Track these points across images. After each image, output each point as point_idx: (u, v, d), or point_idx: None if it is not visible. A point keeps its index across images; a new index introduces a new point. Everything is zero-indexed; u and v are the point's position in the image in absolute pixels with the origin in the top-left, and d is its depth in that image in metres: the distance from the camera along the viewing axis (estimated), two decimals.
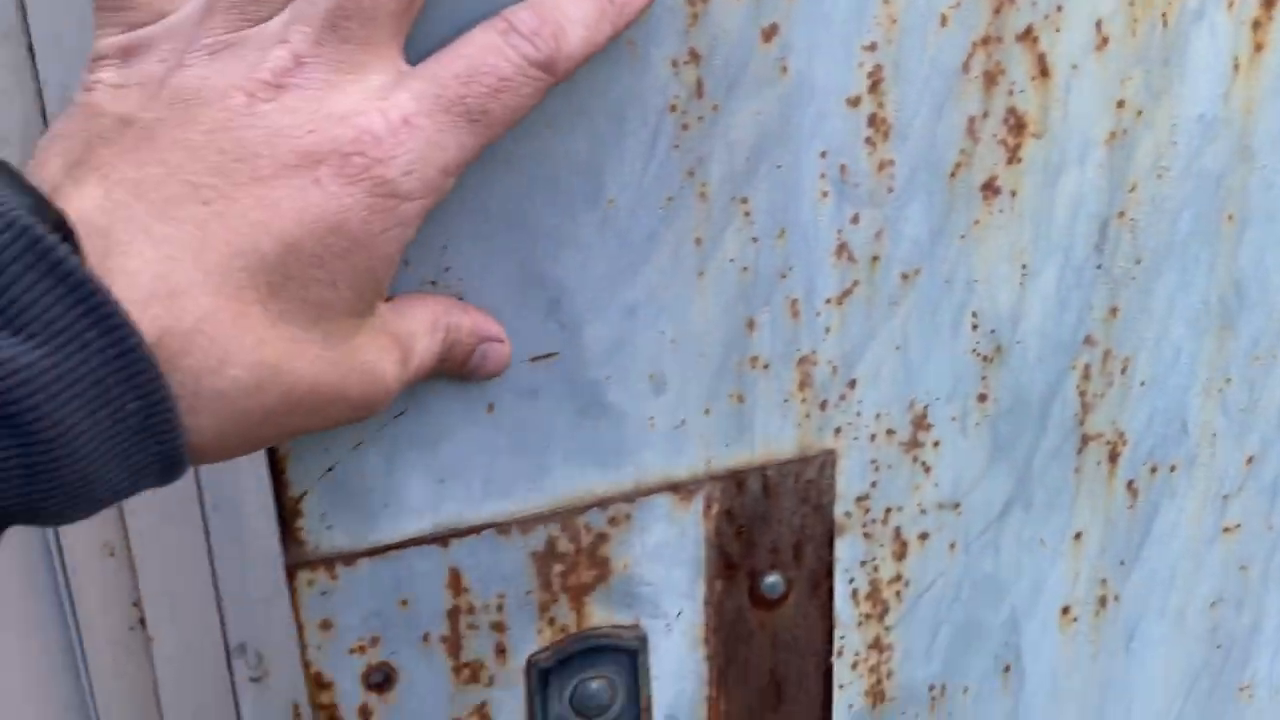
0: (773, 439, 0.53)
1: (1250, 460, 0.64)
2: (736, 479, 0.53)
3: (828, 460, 0.54)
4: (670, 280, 0.48)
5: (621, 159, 0.46)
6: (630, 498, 0.51)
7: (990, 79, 0.50)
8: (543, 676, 0.52)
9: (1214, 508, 0.64)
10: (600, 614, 0.53)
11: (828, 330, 0.52)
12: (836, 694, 0.59)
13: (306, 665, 0.49)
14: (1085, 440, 0.59)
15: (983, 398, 0.56)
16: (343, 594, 0.48)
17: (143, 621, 0.81)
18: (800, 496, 0.54)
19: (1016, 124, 0.51)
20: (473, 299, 0.45)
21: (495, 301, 0.45)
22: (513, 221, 0.44)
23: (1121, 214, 0.55)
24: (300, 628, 0.48)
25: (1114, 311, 0.57)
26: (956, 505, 0.58)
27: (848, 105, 0.48)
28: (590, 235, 0.46)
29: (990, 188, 0.52)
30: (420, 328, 0.39)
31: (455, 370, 0.43)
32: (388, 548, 0.48)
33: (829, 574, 0.57)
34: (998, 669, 0.62)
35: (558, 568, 0.51)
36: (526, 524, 0.50)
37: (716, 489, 0.53)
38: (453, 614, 0.50)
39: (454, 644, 0.50)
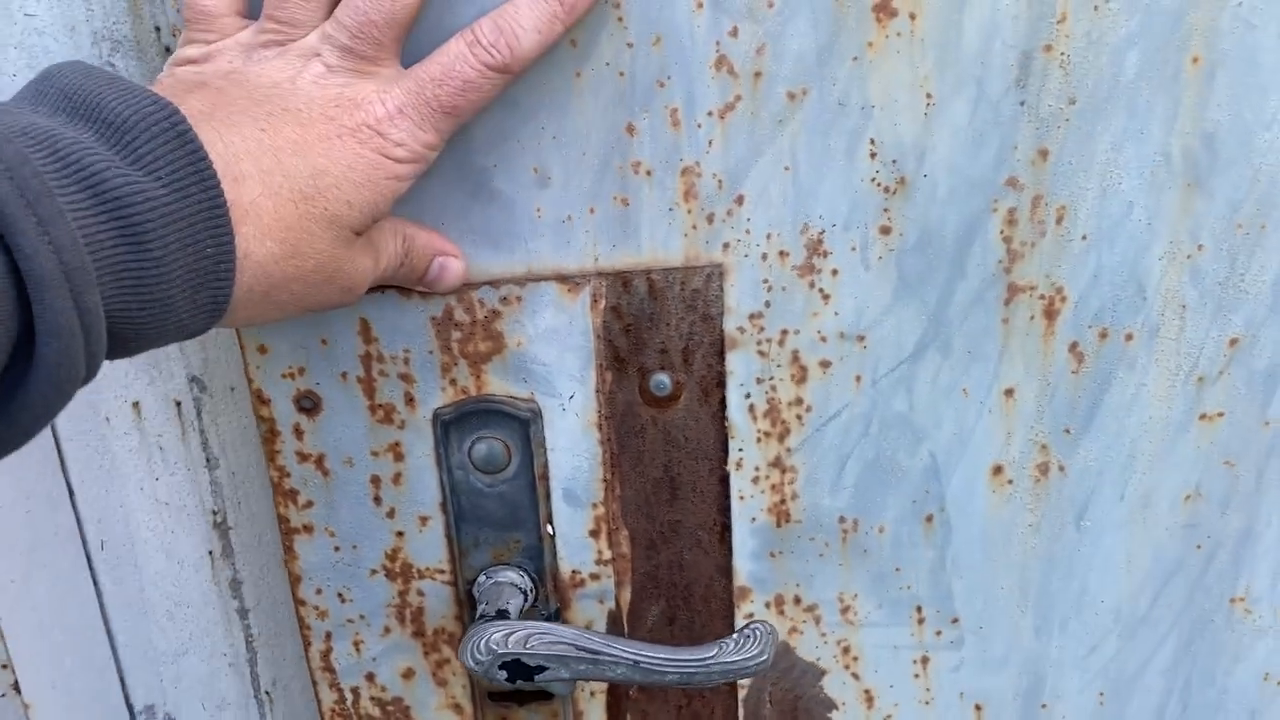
0: (659, 245, 0.57)
1: (1234, 343, 0.59)
2: (623, 279, 0.58)
3: (715, 272, 0.57)
4: (548, 78, 0.53)
5: None
6: (521, 281, 0.57)
7: None
8: (445, 428, 0.60)
9: (1186, 390, 0.60)
10: (497, 383, 0.60)
11: (710, 143, 0.55)
12: (737, 504, 0.63)
13: (250, 382, 0.60)
14: (1013, 290, 0.57)
15: (885, 230, 0.56)
16: (274, 325, 0.58)
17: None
18: (687, 303, 0.58)
19: None
20: None
21: None
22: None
23: (1048, 47, 0.53)
24: (243, 349, 0.59)
25: (1043, 154, 0.55)
26: (860, 338, 0.59)
27: None
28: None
29: (884, 9, 0.52)
30: (387, 237, 0.51)
31: (417, 278, 0.55)
32: None
33: (720, 384, 0.60)
34: (917, 515, 0.63)
35: (455, 334, 0.58)
36: (425, 291, 0.57)
37: (603, 285, 0.58)
38: (365, 359, 0.59)
39: (368, 385, 0.60)
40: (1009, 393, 0.60)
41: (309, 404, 0.60)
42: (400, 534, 0.63)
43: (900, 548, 0.63)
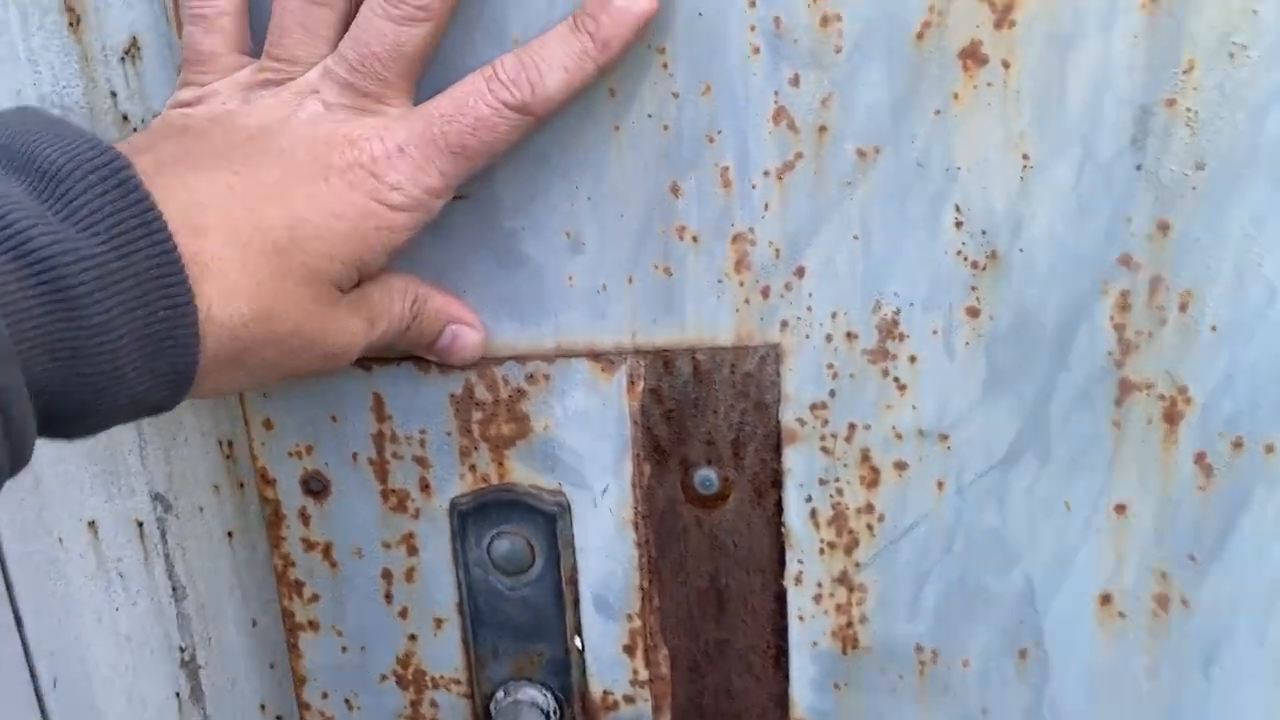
0: (706, 322, 0.50)
1: None
2: (664, 358, 0.50)
3: (771, 354, 0.50)
4: (582, 131, 0.47)
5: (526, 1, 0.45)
6: (549, 357, 0.51)
7: None
8: (463, 520, 0.54)
9: None
10: (521, 471, 0.53)
11: (767, 207, 0.48)
12: (795, 626, 0.54)
13: (254, 459, 0.54)
14: (1126, 388, 0.48)
15: (973, 312, 0.48)
16: (281, 398, 0.53)
17: None
18: (738, 389, 0.50)
19: None
20: None
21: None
22: None
23: (1171, 102, 0.44)
24: (247, 423, 0.54)
25: (1164, 228, 0.46)
26: (943, 437, 0.50)
27: None
28: None
29: (972, 55, 0.45)
30: (390, 298, 0.45)
31: (425, 346, 0.49)
32: None
33: (776, 484, 0.52)
34: (1009, 649, 0.53)
35: (477, 415, 0.52)
36: (443, 364, 0.51)
37: (642, 365, 0.51)
38: (378, 439, 0.53)
39: (381, 468, 0.54)
40: (1120, 509, 0.50)
41: (317, 486, 0.54)
42: (413, 637, 0.56)
43: (989, 686, 0.54)
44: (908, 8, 0.44)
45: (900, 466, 0.51)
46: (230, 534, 0.57)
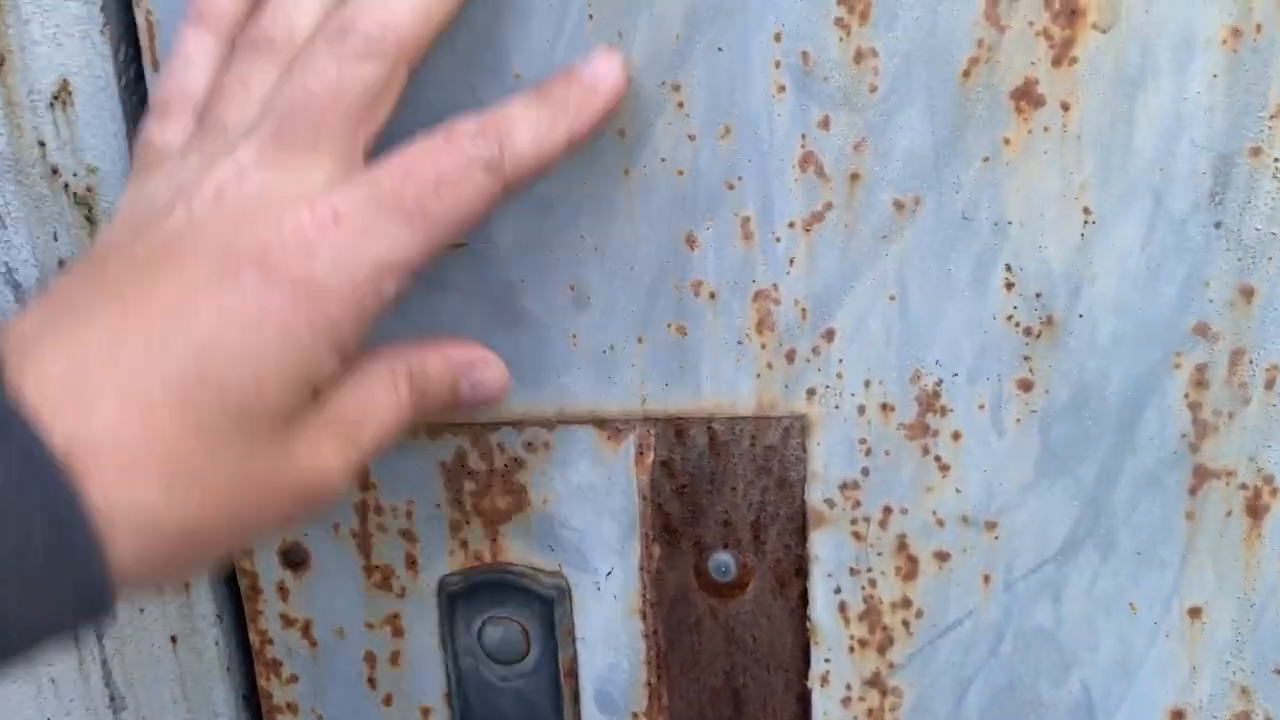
0: (724, 388, 0.45)
1: None
2: (677, 427, 0.45)
3: (796, 426, 0.44)
4: (589, 175, 0.43)
5: (526, 28, 0.41)
6: (550, 424, 0.46)
7: None
8: (451, 602, 0.49)
9: None
10: (517, 549, 0.48)
11: (792, 261, 0.43)
12: None
13: None
14: (1202, 475, 0.42)
15: (1025, 385, 0.42)
16: None
17: None
18: (759, 464, 0.45)
19: (1066, 10, 0.38)
20: None
21: None
22: (408, 92, 0.42)
23: (1256, 151, 0.39)
24: None
25: (1247, 294, 0.40)
26: (991, 525, 0.44)
27: None
28: None
29: (1027, 96, 0.39)
30: (371, 393, 0.36)
31: (446, 410, 0.39)
32: None
33: (800, 572, 0.46)
34: None
35: (469, 485, 0.47)
36: (434, 428, 0.47)
37: (652, 434, 0.45)
38: (361, 509, 0.48)
39: (364, 541, 0.49)
40: (1195, 613, 0.44)
41: (296, 558, 0.50)
42: None
43: None
44: (953, 42, 0.39)
45: (941, 556, 0.45)
46: (174, 638, 0.51)
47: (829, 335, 0.43)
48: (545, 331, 0.45)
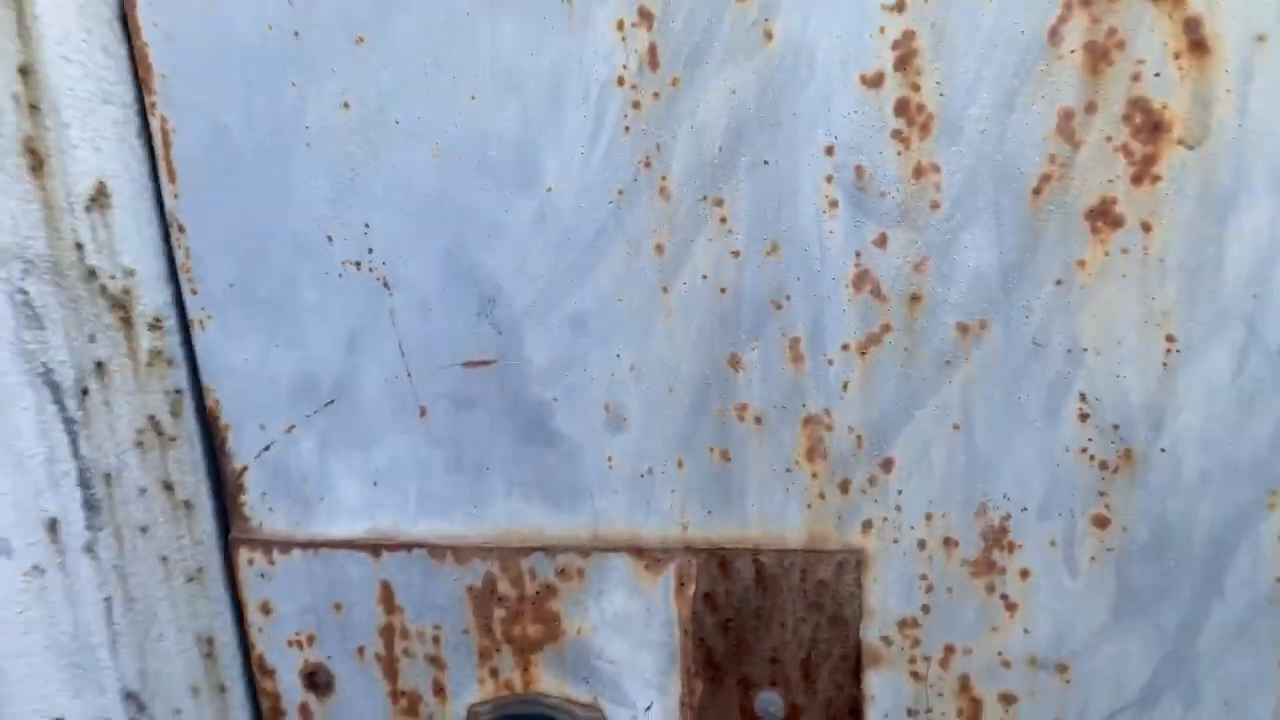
0: (772, 518, 0.41)
1: None
2: (721, 558, 0.42)
3: (851, 560, 0.41)
4: (626, 291, 0.40)
5: (559, 139, 0.39)
6: (585, 550, 0.43)
7: (1099, 54, 0.35)
8: None
9: None
10: (551, 680, 0.45)
11: (846, 386, 0.39)
12: None
13: (250, 647, 0.47)
14: None
15: (1101, 521, 0.39)
16: (280, 580, 0.46)
17: None
18: (810, 599, 0.42)
19: (1150, 124, 0.35)
20: (399, 286, 0.41)
21: (423, 293, 0.41)
22: (438, 203, 0.40)
23: None
24: (242, 606, 0.47)
25: None
26: (1062, 668, 0.41)
27: (863, 85, 0.36)
28: (525, 226, 0.40)
29: (1104, 216, 0.36)
30: None
31: None
32: (322, 543, 0.45)
33: (855, 712, 0.43)
34: None
35: (499, 612, 0.44)
36: (462, 552, 0.44)
37: (693, 564, 0.42)
38: (387, 632, 0.46)
39: (390, 666, 0.46)
40: None
41: (321, 680, 0.47)
42: None
43: None
44: (1023, 158, 0.36)
45: (1008, 700, 0.41)
46: None
47: (887, 465, 0.40)
48: (579, 453, 0.42)
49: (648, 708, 0.44)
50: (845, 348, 0.39)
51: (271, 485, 0.45)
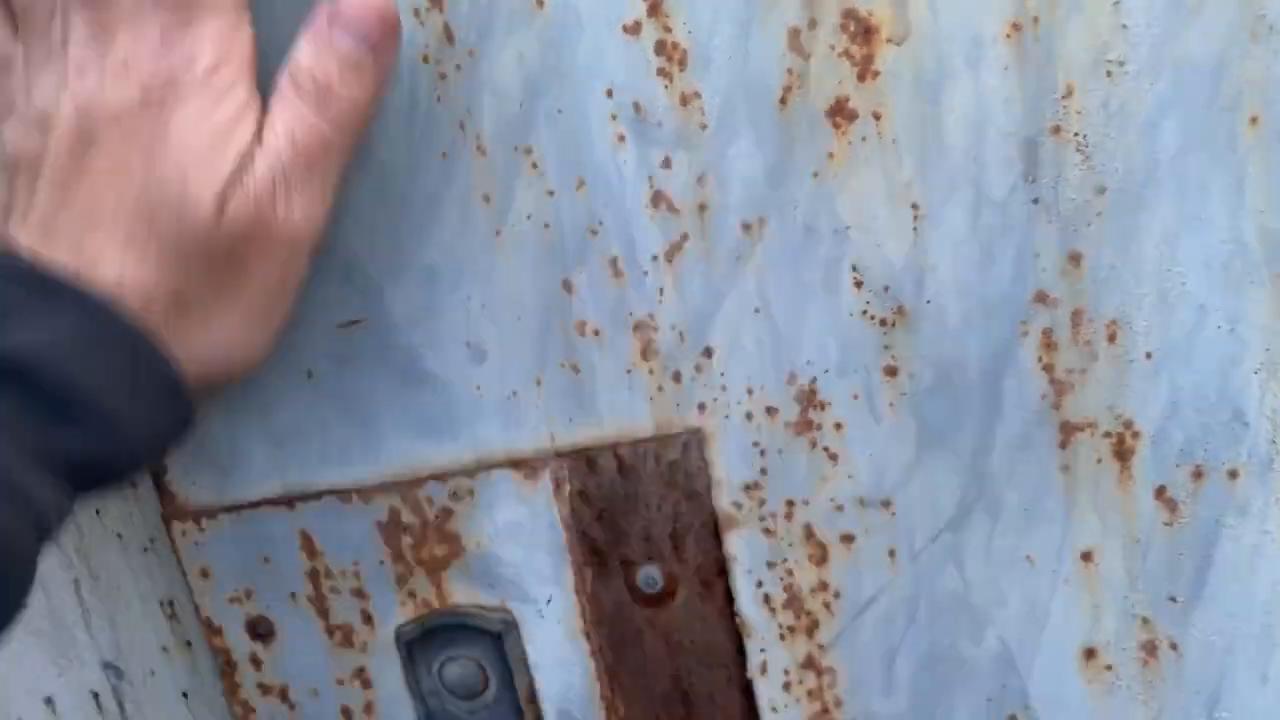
0: (623, 415, 0.48)
1: None
2: (587, 457, 0.49)
3: (693, 440, 0.48)
4: (465, 240, 0.46)
5: (384, 117, 0.45)
6: (470, 472, 0.49)
7: None
8: (409, 649, 0.52)
9: None
10: (462, 592, 0.51)
11: (662, 291, 0.46)
12: (770, 715, 0.51)
13: (197, 609, 0.53)
14: (1069, 431, 0.46)
15: (891, 371, 0.46)
16: (212, 546, 0.52)
17: None
18: (666, 480, 0.49)
19: (861, 30, 0.42)
20: None
21: None
22: None
23: (1056, 129, 0.42)
24: (184, 574, 0.53)
25: (1075, 260, 0.44)
26: (886, 504, 0.48)
27: (626, 33, 0.43)
28: (369, 200, 0.46)
29: (840, 112, 0.43)
30: (283, 128, 0.40)
31: (362, 75, 0.40)
32: (243, 506, 0.51)
33: (722, 573, 0.50)
34: (996, 717, 0.50)
35: (406, 539, 0.51)
36: (366, 493, 0.50)
37: (564, 467, 0.49)
38: (313, 576, 0.52)
39: (321, 605, 0.52)
40: (1087, 557, 0.47)
41: (264, 630, 0.53)
42: None
43: None
44: (767, 74, 0.43)
45: (847, 539, 0.48)
46: (185, 694, 0.55)
47: (708, 353, 0.47)
48: (450, 388, 0.48)
49: (548, 601, 0.51)
50: (655, 259, 0.46)
51: (191, 461, 0.51)
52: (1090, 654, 0.48)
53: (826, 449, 0.47)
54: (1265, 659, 0.47)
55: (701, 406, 0.47)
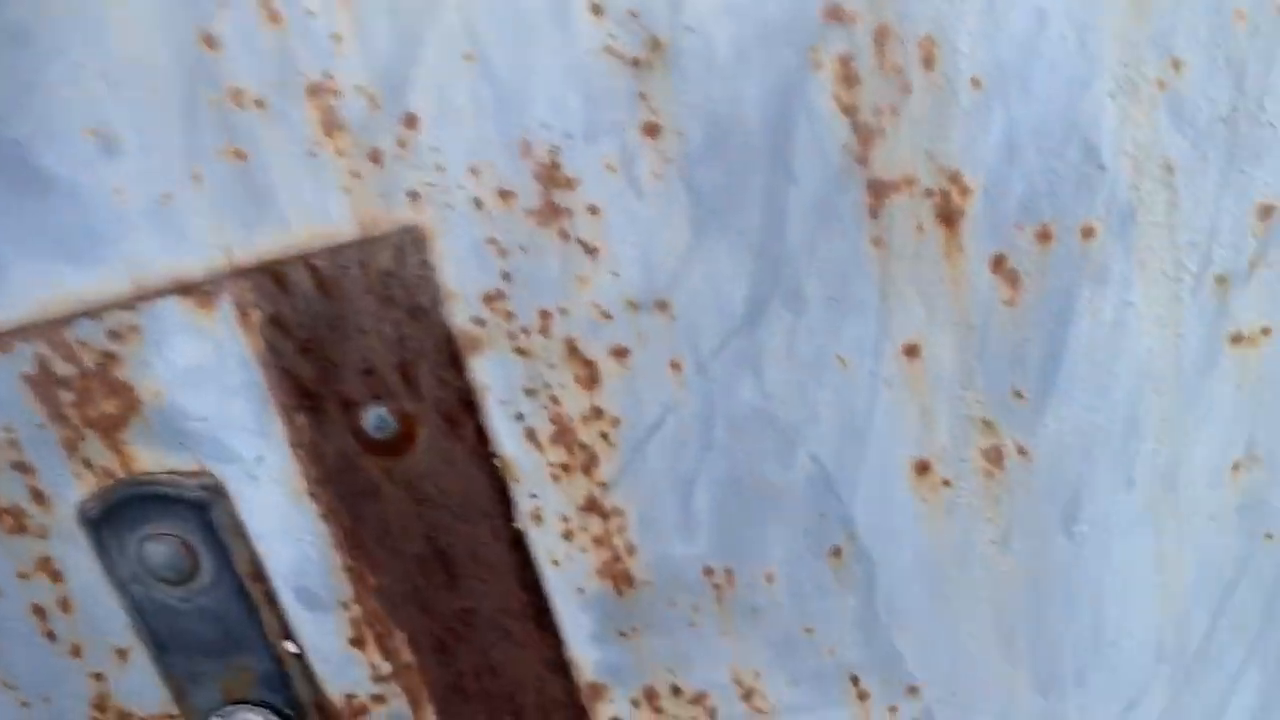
0: (312, 213, 0.37)
1: (1268, 212, 0.36)
2: (273, 273, 0.38)
3: (408, 240, 0.37)
4: None
5: None
6: (128, 304, 0.38)
7: None
8: (96, 529, 0.41)
9: (1200, 299, 0.37)
10: (147, 456, 0.41)
11: (337, 39, 0.34)
12: (550, 573, 0.42)
13: None
14: (879, 191, 0.36)
15: (652, 129, 0.35)
16: None
17: None
18: (380, 295, 0.38)
19: None
20: None
21: None
22: None
23: None
24: None
25: None
26: (662, 305, 0.38)
27: None
28: None
29: None
30: None
31: None
32: None
33: (469, 406, 0.39)
34: (817, 550, 0.42)
35: (66, 395, 0.39)
36: (1, 340, 0.38)
37: (247, 289, 0.38)
38: None
39: None
40: (911, 352, 0.38)
41: None
42: (98, 676, 0.45)
43: (804, 599, 0.42)
44: None
45: (620, 353, 0.38)
46: None
47: (410, 122, 0.35)
48: (80, 192, 0.36)
49: (258, 459, 0.40)
50: None
51: None
52: (922, 468, 0.40)
53: (581, 241, 0.37)
54: (1129, 460, 0.39)
55: (414, 195, 0.36)
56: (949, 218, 0.36)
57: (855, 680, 0.44)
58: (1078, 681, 0.43)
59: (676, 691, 0.44)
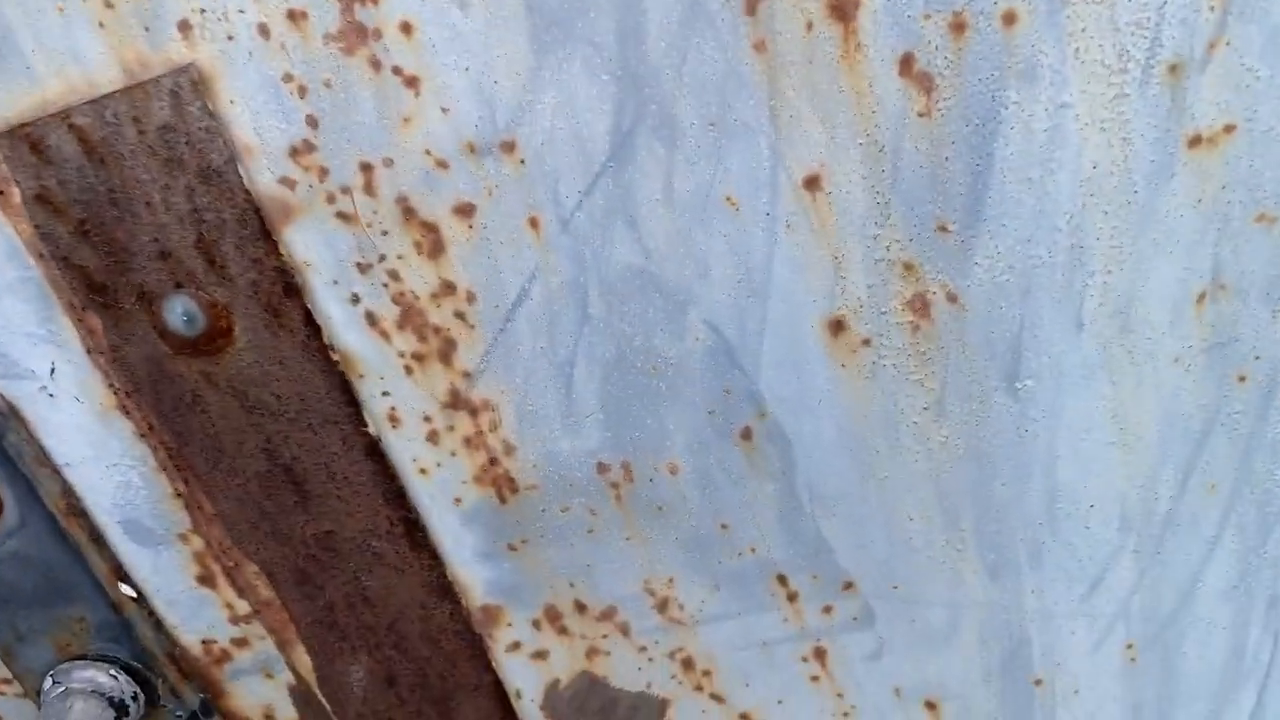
0: (64, 59, 0.30)
1: None
2: (28, 140, 0.31)
3: (185, 84, 0.30)
4: None
5: None
6: None
7: None
8: None
9: (1149, 94, 0.31)
10: None
11: None
12: (418, 482, 0.36)
13: None
14: None
15: None
16: None
17: None
18: (162, 156, 0.31)
19: None
20: None
21: None
22: None
23: None
24: None
25: None
26: (509, 146, 0.31)
27: None
28: None
29: None
30: None
31: None
32: None
33: (290, 287, 0.33)
34: (724, 432, 0.36)
35: None
36: None
37: (1, 161, 0.31)
38: None
39: None
40: (811, 183, 0.32)
41: None
42: None
43: (715, 490, 0.36)
44: None
45: (464, 211, 0.32)
46: None
47: None
48: None
49: (51, 370, 0.34)
50: None
51: None
52: (837, 326, 0.34)
53: (399, 70, 0.30)
54: (1077, 297, 0.33)
55: (184, 26, 0.29)
56: (842, 9, 0.29)
57: (782, 580, 0.38)
58: (1033, 562, 0.38)
59: (581, 608, 0.39)
